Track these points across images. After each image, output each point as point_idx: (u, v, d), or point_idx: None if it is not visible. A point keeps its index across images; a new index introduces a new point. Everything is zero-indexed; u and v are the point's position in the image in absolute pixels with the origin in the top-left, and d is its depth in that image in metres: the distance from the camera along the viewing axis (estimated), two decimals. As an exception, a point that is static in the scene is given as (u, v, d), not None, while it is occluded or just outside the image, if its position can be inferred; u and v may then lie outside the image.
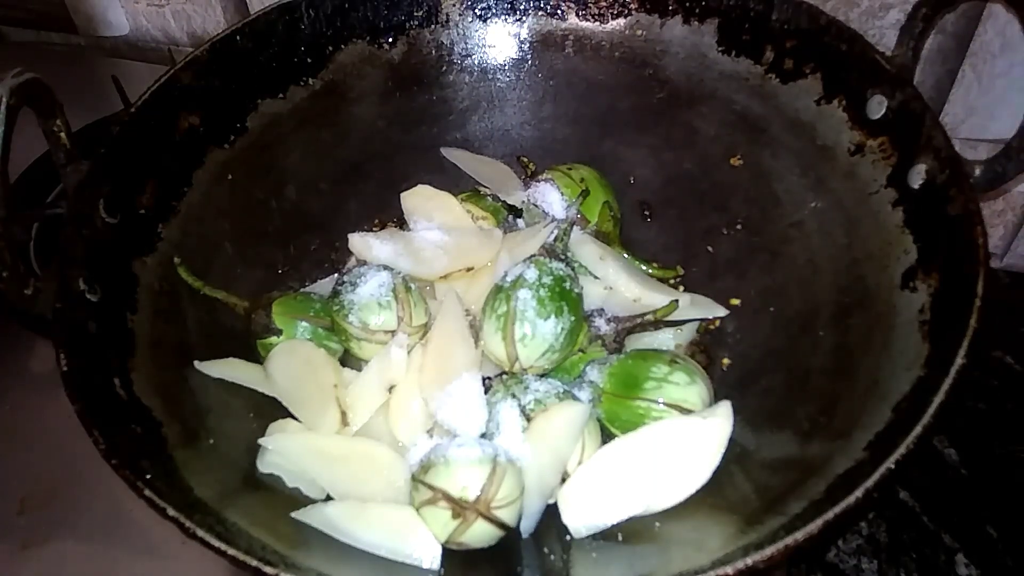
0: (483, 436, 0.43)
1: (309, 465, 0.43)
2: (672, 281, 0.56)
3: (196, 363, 0.47)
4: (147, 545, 0.50)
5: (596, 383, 0.46)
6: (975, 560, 0.48)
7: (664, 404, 0.44)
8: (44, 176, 0.71)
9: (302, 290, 0.55)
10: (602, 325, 0.50)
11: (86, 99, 0.81)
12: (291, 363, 0.47)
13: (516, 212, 0.58)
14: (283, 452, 0.43)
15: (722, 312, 0.52)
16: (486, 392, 0.45)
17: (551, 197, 0.54)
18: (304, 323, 0.50)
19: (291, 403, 0.46)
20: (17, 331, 0.63)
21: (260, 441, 0.44)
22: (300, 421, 0.46)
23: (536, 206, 0.55)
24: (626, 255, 0.55)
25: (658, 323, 0.50)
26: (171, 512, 0.34)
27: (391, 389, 0.46)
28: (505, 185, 0.58)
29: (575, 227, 0.53)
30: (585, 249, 0.53)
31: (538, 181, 0.56)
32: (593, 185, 0.55)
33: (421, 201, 0.56)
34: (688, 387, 0.44)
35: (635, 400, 0.44)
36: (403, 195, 0.57)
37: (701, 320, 0.52)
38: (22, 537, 0.51)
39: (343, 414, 0.45)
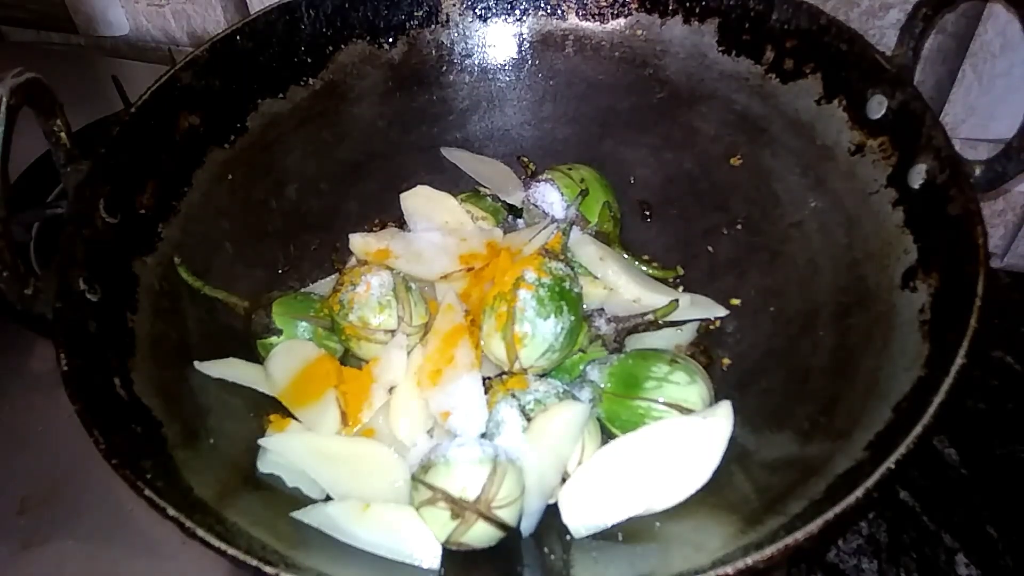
0: (483, 436, 0.43)
1: (309, 465, 0.43)
2: (672, 281, 0.56)
3: (196, 363, 0.47)
4: (147, 545, 0.50)
5: (596, 383, 0.46)
6: (975, 560, 0.48)
7: (664, 404, 0.44)
8: (44, 176, 0.71)
9: (302, 290, 0.55)
10: (602, 325, 0.50)
11: (86, 99, 0.82)
12: (291, 363, 0.48)
13: (516, 212, 0.58)
14: (283, 452, 0.43)
15: (722, 312, 0.52)
16: (486, 392, 0.45)
17: (551, 197, 0.54)
18: (304, 323, 0.50)
19: (291, 403, 0.46)
20: (17, 331, 0.63)
21: (260, 441, 0.44)
22: (300, 421, 0.46)
23: (536, 206, 0.55)
24: (626, 255, 0.55)
25: (658, 323, 0.50)
26: (171, 512, 0.34)
27: (391, 389, 0.46)
28: (505, 185, 0.59)
29: (575, 227, 0.53)
30: (585, 249, 0.53)
31: (538, 181, 0.56)
32: (593, 185, 0.55)
33: (421, 201, 0.56)
34: (688, 387, 0.44)
35: (635, 400, 0.44)
36: (403, 195, 0.57)
37: (701, 320, 0.52)
38: (22, 537, 0.51)
39: (343, 414, 0.45)
